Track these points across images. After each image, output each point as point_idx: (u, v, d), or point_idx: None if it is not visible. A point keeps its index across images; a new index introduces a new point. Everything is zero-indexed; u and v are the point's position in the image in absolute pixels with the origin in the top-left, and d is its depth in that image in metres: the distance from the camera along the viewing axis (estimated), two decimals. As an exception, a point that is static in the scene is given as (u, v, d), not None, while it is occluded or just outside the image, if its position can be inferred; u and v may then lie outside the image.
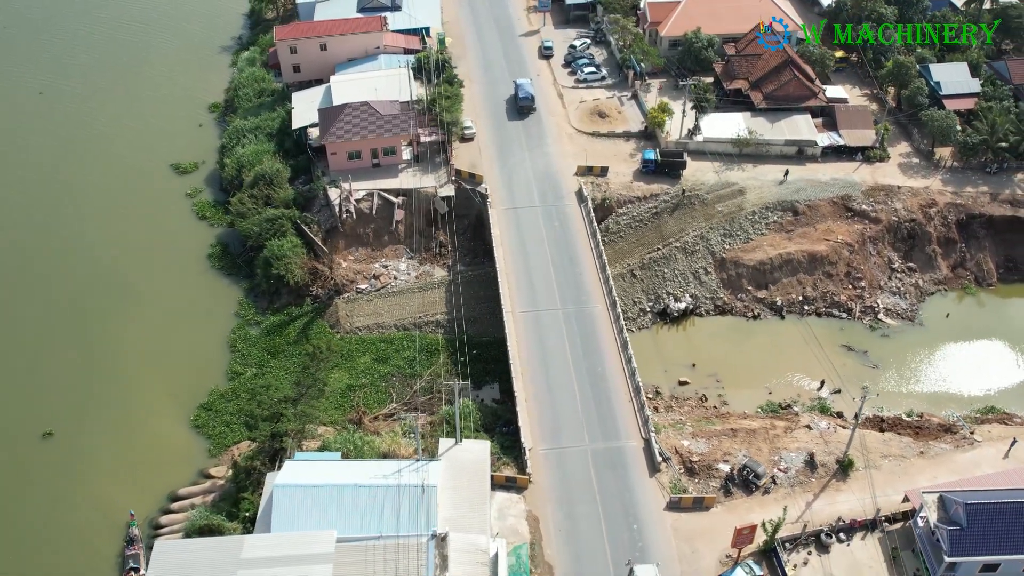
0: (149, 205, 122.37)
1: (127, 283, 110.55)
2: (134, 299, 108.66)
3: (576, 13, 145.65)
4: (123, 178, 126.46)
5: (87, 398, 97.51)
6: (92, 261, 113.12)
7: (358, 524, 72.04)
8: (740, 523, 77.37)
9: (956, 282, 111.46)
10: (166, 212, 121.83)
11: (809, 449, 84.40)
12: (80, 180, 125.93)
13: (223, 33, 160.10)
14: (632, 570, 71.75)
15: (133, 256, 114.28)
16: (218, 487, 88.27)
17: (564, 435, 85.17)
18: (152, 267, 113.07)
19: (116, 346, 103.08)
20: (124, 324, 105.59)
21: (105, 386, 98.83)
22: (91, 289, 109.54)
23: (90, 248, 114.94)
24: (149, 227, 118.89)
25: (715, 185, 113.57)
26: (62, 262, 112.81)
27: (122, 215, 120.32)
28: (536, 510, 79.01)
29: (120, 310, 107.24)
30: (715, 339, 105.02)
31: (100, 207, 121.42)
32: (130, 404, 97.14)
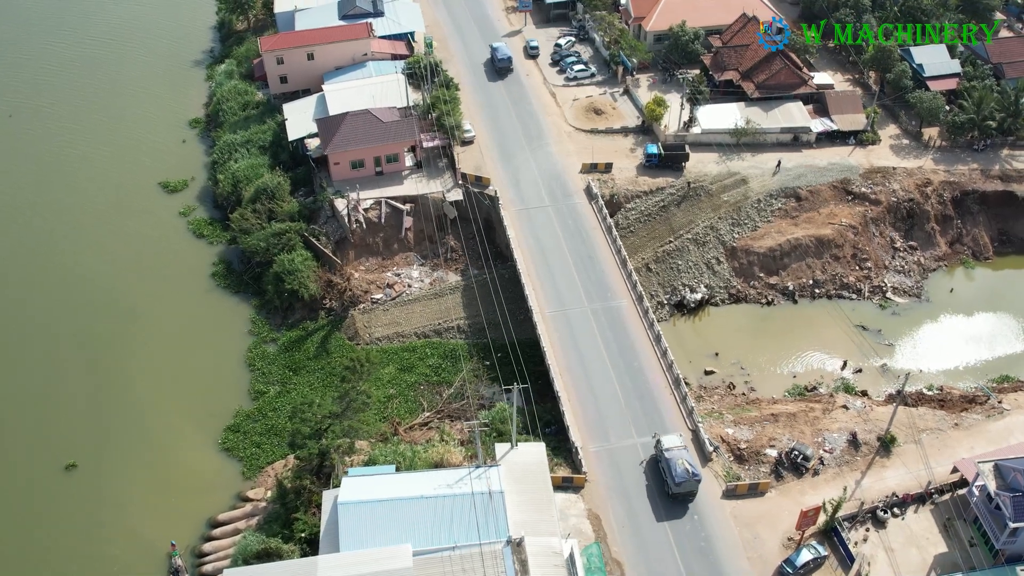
0: (143, 226, 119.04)
1: (132, 307, 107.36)
2: (141, 323, 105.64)
3: (556, 12, 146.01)
4: (112, 199, 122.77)
5: (107, 426, 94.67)
6: (93, 287, 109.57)
7: (428, 536, 71.28)
8: (795, 506, 79.09)
9: (955, 257, 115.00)
10: (161, 232, 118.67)
11: (850, 429, 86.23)
12: (68, 204, 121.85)
13: (193, 47, 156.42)
14: (659, 440, 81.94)
15: (134, 279, 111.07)
16: (260, 509, 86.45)
17: (611, 432, 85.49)
18: (155, 289, 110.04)
19: (129, 372, 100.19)
20: (134, 349, 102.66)
21: (124, 413, 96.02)
22: (96, 316, 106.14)
23: (89, 274, 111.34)
24: (146, 249, 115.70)
25: (718, 175, 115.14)
26: (62, 290, 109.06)
27: (117, 238, 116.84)
28: (596, 508, 79.20)
29: (128, 335, 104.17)
30: (733, 327, 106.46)
31: (93, 231, 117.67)
32: (153, 430, 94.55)
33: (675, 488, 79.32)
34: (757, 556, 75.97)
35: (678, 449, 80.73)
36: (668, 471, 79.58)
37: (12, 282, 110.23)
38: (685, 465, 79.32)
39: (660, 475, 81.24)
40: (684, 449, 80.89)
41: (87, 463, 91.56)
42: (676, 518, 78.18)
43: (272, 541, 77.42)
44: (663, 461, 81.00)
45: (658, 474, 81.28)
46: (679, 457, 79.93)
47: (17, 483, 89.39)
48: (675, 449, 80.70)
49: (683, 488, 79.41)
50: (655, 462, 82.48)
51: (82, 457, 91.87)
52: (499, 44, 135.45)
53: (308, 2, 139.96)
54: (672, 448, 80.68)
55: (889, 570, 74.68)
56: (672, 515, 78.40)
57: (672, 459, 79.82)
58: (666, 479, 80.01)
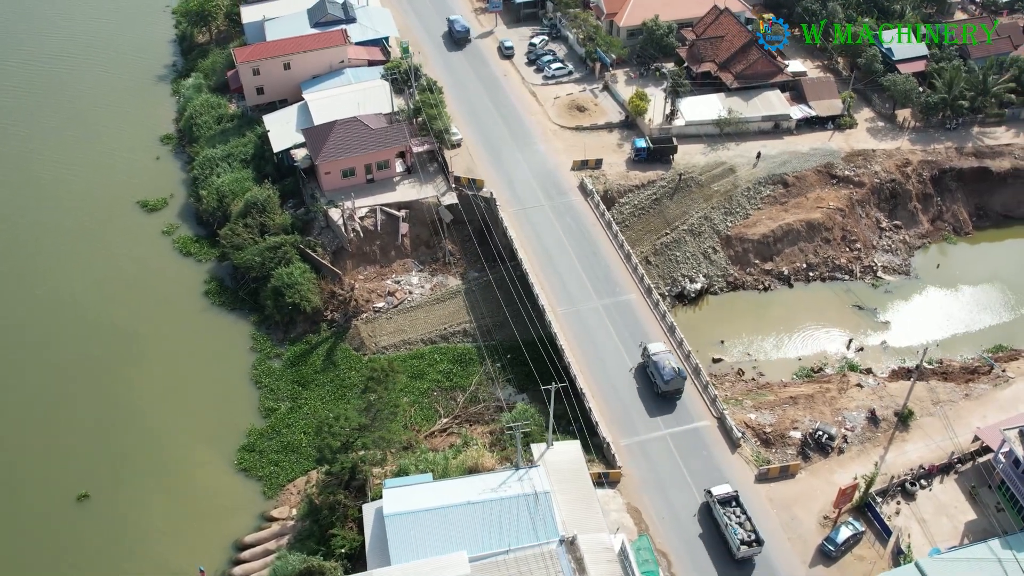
0: (127, 247, 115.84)
1: (127, 330, 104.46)
2: (139, 346, 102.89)
3: (526, 11, 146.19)
4: (91, 221, 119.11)
5: (116, 453, 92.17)
6: (84, 312, 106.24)
7: (479, 542, 71.07)
8: (826, 485, 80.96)
9: (937, 234, 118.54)
10: (147, 253, 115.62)
11: (868, 406, 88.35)
12: (46, 227, 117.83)
13: (154, 62, 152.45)
14: (646, 347, 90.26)
15: (126, 302, 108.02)
16: (289, 528, 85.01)
17: (639, 425, 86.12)
18: (149, 311, 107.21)
19: (133, 397, 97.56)
20: (135, 373, 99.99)
21: (132, 439, 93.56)
22: (91, 340, 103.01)
23: (78, 298, 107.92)
24: (134, 269, 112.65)
25: (706, 166, 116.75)
26: (52, 316, 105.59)
27: (102, 260, 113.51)
28: (634, 502, 79.75)
29: (128, 359, 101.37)
30: (733, 314, 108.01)
31: (76, 254, 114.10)
32: (164, 455, 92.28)
33: (664, 387, 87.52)
34: (796, 536, 77.39)
35: (664, 353, 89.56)
36: (656, 372, 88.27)
37: (5, 309, 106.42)
38: (671, 364, 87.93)
39: (649, 380, 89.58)
40: (669, 353, 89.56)
41: (100, 492, 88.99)
42: (711, 503, 79.15)
43: (313, 560, 75.98)
44: (650, 365, 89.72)
45: (686, 454, 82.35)
46: (665, 359, 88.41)
47: (29, 517, 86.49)
48: (661, 353, 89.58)
49: (671, 386, 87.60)
50: (643, 369, 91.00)
51: (94, 487, 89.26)
52: (456, 17, 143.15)
53: (277, 11, 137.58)
54: (658, 352, 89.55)
55: (924, 540, 76.75)
56: (703, 494, 79.23)
57: (659, 361, 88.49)
58: (655, 380, 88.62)
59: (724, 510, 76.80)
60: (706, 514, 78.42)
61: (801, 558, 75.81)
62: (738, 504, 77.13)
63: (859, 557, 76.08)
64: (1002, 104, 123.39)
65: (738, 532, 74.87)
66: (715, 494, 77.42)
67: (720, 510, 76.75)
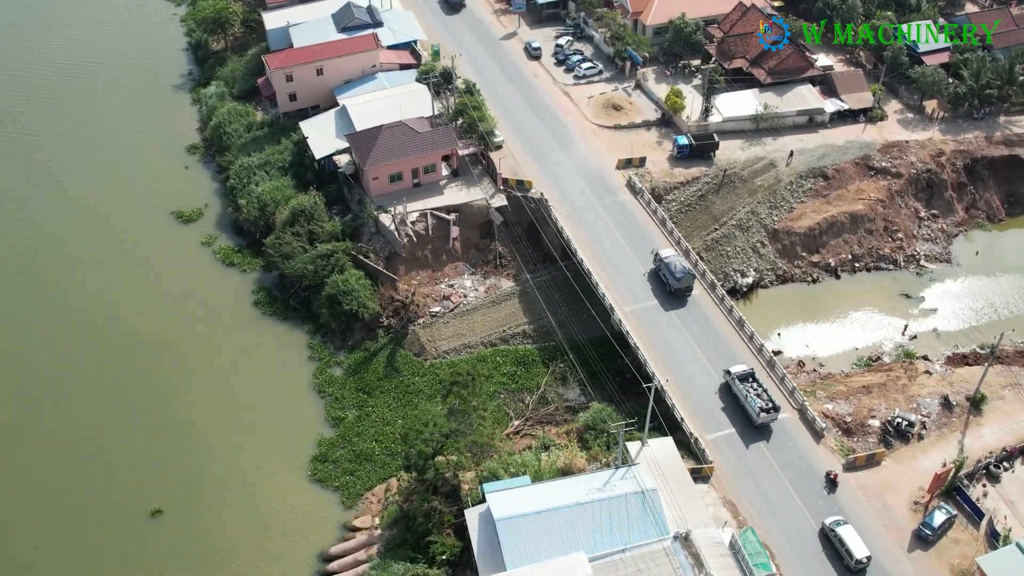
0: (168, 260, 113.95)
1: (181, 346, 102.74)
2: (195, 361, 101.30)
3: (548, 12, 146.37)
4: (128, 235, 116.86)
5: (184, 468, 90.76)
6: (135, 327, 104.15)
7: (592, 542, 71.23)
8: (911, 471, 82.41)
9: (972, 222, 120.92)
10: (190, 265, 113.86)
11: (940, 392, 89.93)
12: (84, 244, 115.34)
13: (169, 71, 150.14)
14: (657, 252, 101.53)
15: (176, 316, 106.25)
16: (376, 537, 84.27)
17: (722, 420, 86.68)
18: (201, 324, 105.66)
19: (197, 411, 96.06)
20: (196, 387, 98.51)
21: (199, 453, 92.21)
22: (146, 359, 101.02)
23: (127, 314, 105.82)
24: (178, 283, 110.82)
25: (747, 161, 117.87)
26: (104, 334, 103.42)
27: (144, 275, 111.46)
28: (728, 495, 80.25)
29: (185, 375, 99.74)
30: (785, 307, 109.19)
31: (117, 270, 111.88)
32: (236, 468, 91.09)
33: (676, 284, 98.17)
34: (891, 523, 78.50)
35: (673, 256, 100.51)
36: (669, 272, 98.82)
37: (51, 332, 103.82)
38: (681, 264, 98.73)
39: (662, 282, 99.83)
40: (677, 256, 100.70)
41: (174, 508, 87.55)
42: (807, 498, 79.89)
43: (417, 568, 75.55)
44: (662, 267, 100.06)
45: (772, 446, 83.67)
46: (675, 260, 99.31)
47: (104, 534, 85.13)
48: (672, 256, 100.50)
49: (683, 283, 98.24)
50: (655, 274, 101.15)
51: (167, 502, 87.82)
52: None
53: (299, 16, 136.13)
54: (669, 256, 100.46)
55: (1016, 522, 78.33)
56: (801, 494, 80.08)
57: (671, 263, 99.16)
58: (668, 280, 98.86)
59: (743, 385, 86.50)
60: (726, 392, 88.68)
61: (899, 544, 76.94)
62: (755, 379, 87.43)
63: (954, 540, 77.43)
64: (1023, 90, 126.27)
65: (756, 402, 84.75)
66: (733, 372, 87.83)
67: (739, 385, 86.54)
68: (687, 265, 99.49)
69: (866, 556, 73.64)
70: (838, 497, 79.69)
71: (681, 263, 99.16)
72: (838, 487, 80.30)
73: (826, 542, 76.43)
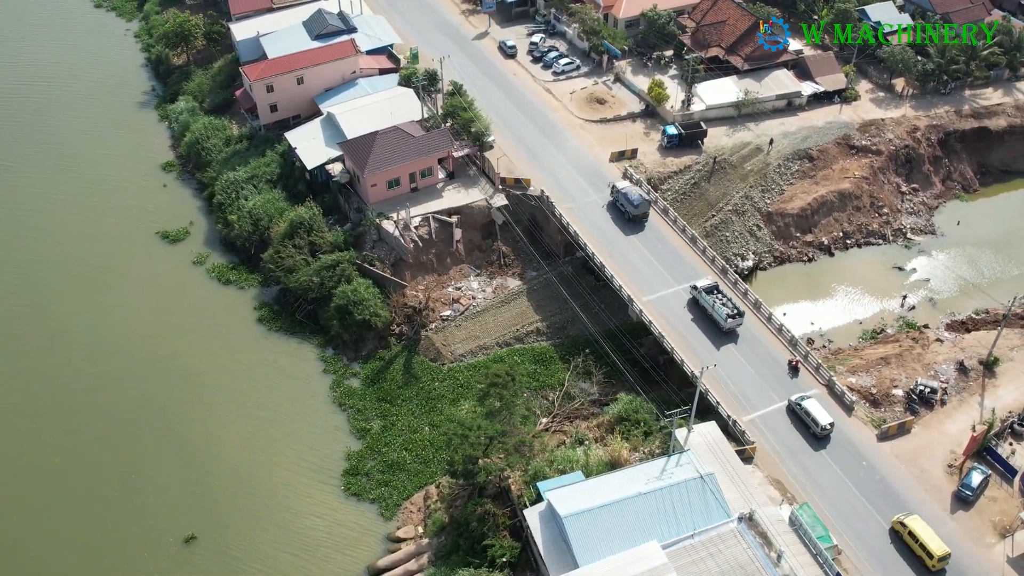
0: (163, 282, 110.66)
1: (190, 369, 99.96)
2: (209, 383, 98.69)
3: (517, 10, 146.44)
4: (116, 259, 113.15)
5: (212, 492, 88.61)
6: (138, 355, 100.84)
7: (659, 530, 71.85)
8: (940, 436, 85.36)
9: (949, 193, 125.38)
10: (185, 285, 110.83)
11: (955, 358, 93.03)
12: (73, 271, 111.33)
13: (130, 88, 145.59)
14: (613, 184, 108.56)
15: (178, 339, 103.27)
16: (425, 546, 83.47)
17: (753, 401, 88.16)
18: (206, 346, 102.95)
19: (216, 435, 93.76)
20: (213, 408, 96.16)
21: (226, 476, 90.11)
22: (156, 385, 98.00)
23: (128, 341, 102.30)
24: (176, 304, 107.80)
25: (735, 147, 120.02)
26: (109, 360, 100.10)
27: (140, 298, 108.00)
28: (773, 474, 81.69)
29: (202, 398, 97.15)
30: (786, 287, 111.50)
31: (112, 295, 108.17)
32: (264, 488, 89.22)
33: (634, 211, 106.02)
34: (931, 487, 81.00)
35: (628, 186, 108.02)
36: (626, 201, 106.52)
37: (57, 364, 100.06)
38: (637, 192, 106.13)
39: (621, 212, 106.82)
40: (633, 186, 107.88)
41: (208, 533, 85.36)
42: (845, 466, 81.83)
43: (480, 572, 75.04)
44: (620, 197, 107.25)
45: None
46: (631, 189, 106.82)
47: (140, 564, 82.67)
48: (627, 186, 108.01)
49: (640, 210, 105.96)
50: (613, 204, 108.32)
51: (200, 528, 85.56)
52: None
53: (269, 26, 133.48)
54: (624, 186, 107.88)
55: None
56: (843, 468, 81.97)
57: (627, 192, 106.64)
58: (625, 208, 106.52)
59: (709, 297, 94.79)
60: (694, 305, 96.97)
61: (941, 506, 79.45)
62: (719, 291, 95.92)
63: (992, 499, 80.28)
64: (988, 66, 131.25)
65: (723, 310, 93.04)
66: (699, 286, 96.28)
67: (706, 297, 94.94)
68: (642, 193, 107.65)
69: (829, 423, 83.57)
70: (877, 468, 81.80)
71: (637, 191, 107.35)
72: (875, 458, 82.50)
73: (793, 416, 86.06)
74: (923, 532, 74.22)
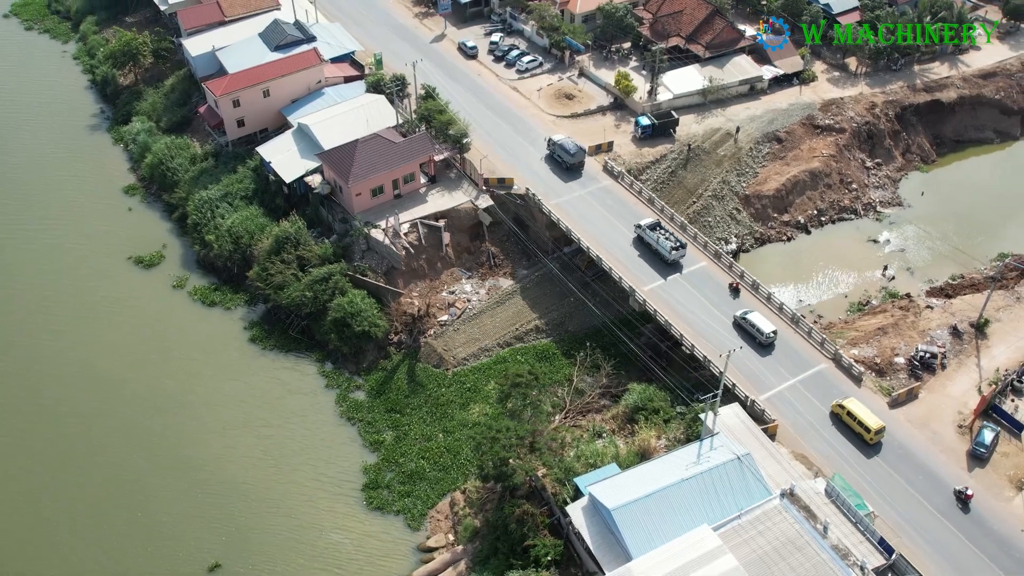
0: (146, 309, 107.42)
1: (189, 398, 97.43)
2: (212, 409, 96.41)
3: (472, 10, 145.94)
4: (93, 289, 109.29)
5: (232, 519, 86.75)
6: (133, 387, 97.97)
7: (706, 514, 72.61)
8: (946, 399, 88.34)
9: (909, 166, 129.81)
10: (169, 311, 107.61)
11: (947, 323, 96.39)
12: (51, 305, 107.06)
13: (78, 112, 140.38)
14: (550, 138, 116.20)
15: (171, 368, 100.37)
16: (460, 553, 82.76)
17: (766, 380, 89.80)
18: (201, 372, 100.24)
19: (228, 460, 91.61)
20: (221, 436, 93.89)
21: (244, 501, 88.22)
22: (163, 414, 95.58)
23: (128, 373, 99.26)
24: (166, 332, 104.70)
25: (706, 134, 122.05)
26: (114, 396, 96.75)
27: (124, 328, 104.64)
28: (798, 448, 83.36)
29: (207, 424, 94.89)
30: (769, 267, 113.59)
31: (95, 326, 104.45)
32: (285, 509, 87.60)
33: (570, 160, 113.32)
34: (946, 448, 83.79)
35: (564, 137, 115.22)
36: (562, 151, 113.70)
37: (49, 400, 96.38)
38: (573, 142, 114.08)
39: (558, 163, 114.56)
40: (568, 138, 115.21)
41: (232, 560, 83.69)
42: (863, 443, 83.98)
43: (529, 573, 74.71)
44: (556, 149, 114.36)
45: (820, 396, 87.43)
46: (566, 140, 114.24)
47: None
48: (562, 137, 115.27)
49: (575, 159, 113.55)
50: (551, 157, 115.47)
51: (223, 555, 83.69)
52: None
53: (223, 39, 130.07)
54: (560, 138, 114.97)
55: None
56: (857, 441, 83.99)
57: (563, 142, 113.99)
58: (562, 158, 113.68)
59: (652, 233, 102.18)
60: (639, 242, 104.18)
61: (959, 465, 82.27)
62: (661, 227, 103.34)
63: (1004, 454, 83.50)
64: (934, 42, 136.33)
65: (666, 243, 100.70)
66: (643, 224, 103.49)
67: (649, 233, 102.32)
68: (578, 143, 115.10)
69: (772, 331, 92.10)
70: (895, 434, 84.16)
71: (573, 142, 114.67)
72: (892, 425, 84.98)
73: (740, 330, 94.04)
74: (859, 411, 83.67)
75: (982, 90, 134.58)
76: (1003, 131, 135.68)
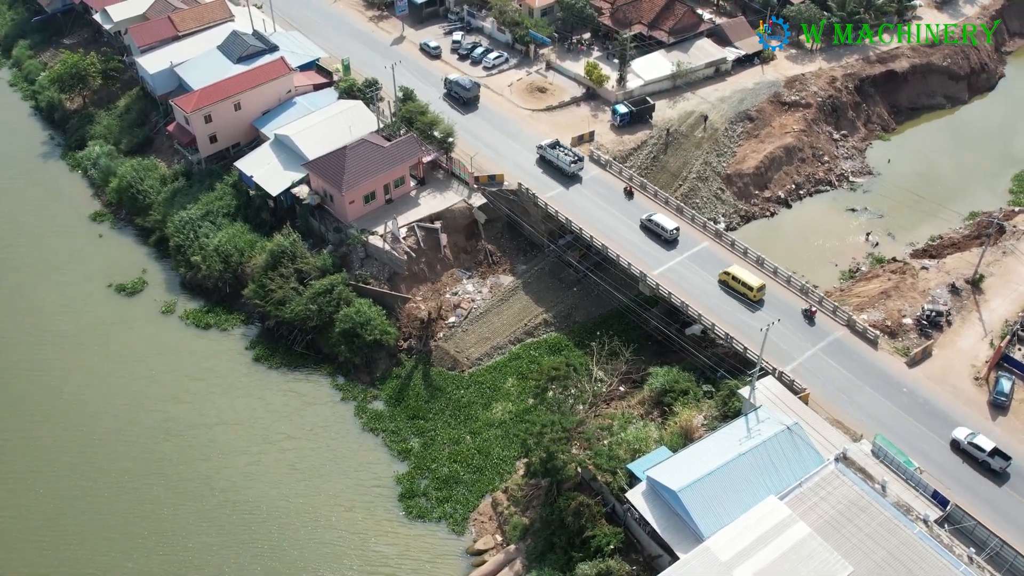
0: (138, 338, 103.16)
1: (209, 421, 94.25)
2: (231, 434, 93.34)
3: (428, 11, 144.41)
4: (78, 322, 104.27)
5: (271, 542, 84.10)
6: (154, 417, 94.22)
7: (766, 485, 73.56)
8: (957, 352, 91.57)
9: (872, 135, 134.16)
10: (162, 338, 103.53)
11: (945, 282, 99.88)
12: (39, 342, 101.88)
13: (24, 139, 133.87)
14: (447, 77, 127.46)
15: (186, 393, 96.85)
16: (513, 552, 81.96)
17: (788, 352, 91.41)
18: (214, 395, 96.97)
19: (258, 484, 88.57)
20: (247, 460, 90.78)
21: (280, 523, 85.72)
22: (182, 444, 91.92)
23: (140, 405, 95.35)
24: (167, 359, 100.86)
25: (681, 117, 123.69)
26: (114, 433, 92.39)
27: (119, 361, 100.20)
28: (831, 414, 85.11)
29: (229, 450, 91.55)
30: (757, 243, 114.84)
31: (92, 362, 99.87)
32: (324, 526, 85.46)
33: (467, 94, 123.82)
34: (968, 401, 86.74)
35: (460, 76, 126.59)
36: (459, 87, 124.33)
37: (62, 440, 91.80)
38: (468, 79, 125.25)
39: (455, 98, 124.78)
40: (463, 76, 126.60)
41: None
42: (891, 396, 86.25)
43: (597, 563, 74.30)
44: (452, 85, 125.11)
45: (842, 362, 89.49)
46: (462, 79, 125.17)
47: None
48: (457, 75, 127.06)
49: (471, 93, 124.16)
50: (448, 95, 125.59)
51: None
52: None
53: (179, 55, 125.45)
54: (455, 75, 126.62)
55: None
56: (889, 397, 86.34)
57: (460, 80, 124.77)
58: (459, 93, 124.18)
59: (552, 151, 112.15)
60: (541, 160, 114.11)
61: (983, 416, 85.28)
62: (560, 145, 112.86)
63: (1021, 400, 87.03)
64: (881, 14, 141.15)
65: (566, 159, 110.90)
66: (544, 144, 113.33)
67: (550, 152, 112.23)
68: (473, 79, 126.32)
69: (675, 227, 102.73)
70: (917, 393, 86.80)
71: (467, 78, 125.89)
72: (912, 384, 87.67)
73: (647, 231, 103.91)
74: (741, 274, 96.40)
75: (931, 58, 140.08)
76: (952, 96, 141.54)
